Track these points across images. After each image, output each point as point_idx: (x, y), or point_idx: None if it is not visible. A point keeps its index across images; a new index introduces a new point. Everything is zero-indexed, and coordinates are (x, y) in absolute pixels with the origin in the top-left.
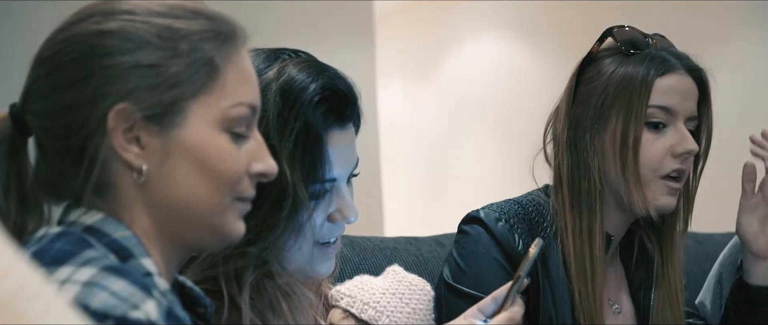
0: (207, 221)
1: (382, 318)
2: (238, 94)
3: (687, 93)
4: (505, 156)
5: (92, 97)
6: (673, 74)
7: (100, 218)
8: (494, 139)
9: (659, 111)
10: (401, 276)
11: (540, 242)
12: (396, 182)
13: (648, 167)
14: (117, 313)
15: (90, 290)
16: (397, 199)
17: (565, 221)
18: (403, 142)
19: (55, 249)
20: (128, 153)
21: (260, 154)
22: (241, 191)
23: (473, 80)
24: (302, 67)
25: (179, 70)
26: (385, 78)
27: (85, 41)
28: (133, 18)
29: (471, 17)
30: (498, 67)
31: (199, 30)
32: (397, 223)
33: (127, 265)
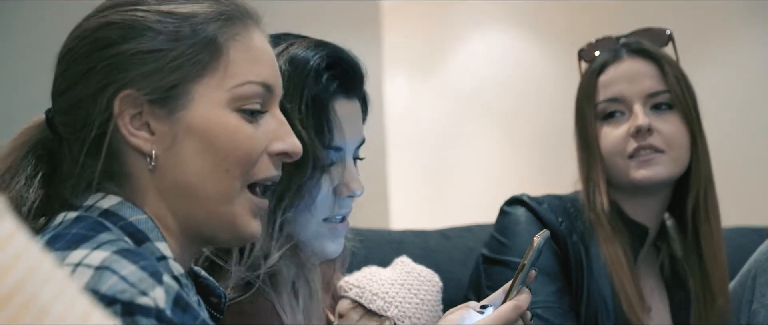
0: (215, 208)
1: (390, 309)
2: (245, 73)
3: (634, 75)
4: (511, 149)
5: (97, 88)
6: (612, 66)
7: (117, 201)
8: (500, 132)
9: (609, 103)
10: (410, 267)
11: (545, 232)
12: (402, 174)
13: (616, 154)
14: (124, 298)
15: (101, 273)
16: (403, 192)
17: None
18: (409, 136)
19: (71, 233)
20: (137, 139)
21: (281, 134)
22: (255, 172)
23: (479, 74)
24: (306, 45)
25: (181, 53)
26: (391, 71)
27: (91, 36)
28: (137, 8)
29: (477, 11)
30: (503, 60)
31: (202, 12)
32: (403, 215)
33: (142, 248)
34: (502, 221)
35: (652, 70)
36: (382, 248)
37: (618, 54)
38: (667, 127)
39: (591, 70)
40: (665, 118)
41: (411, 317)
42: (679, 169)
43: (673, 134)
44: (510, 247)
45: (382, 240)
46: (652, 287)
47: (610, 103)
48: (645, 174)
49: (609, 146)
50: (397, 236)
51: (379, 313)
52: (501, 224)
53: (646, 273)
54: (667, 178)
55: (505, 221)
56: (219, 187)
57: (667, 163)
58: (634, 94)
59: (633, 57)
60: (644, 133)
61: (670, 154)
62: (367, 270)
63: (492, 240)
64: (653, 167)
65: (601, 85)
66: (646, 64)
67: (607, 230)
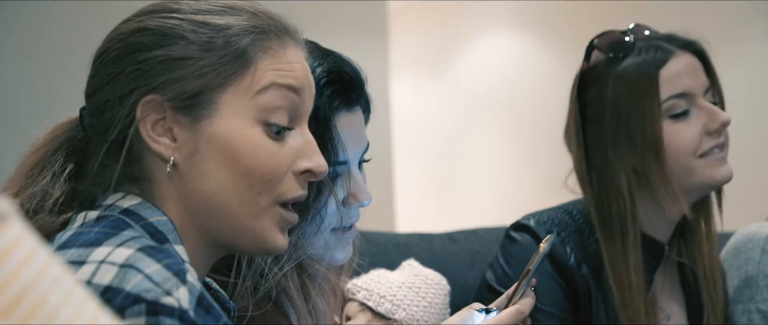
0: (241, 221)
1: (398, 311)
2: (269, 78)
3: (692, 70)
4: (518, 152)
5: (124, 91)
6: (673, 59)
7: (137, 202)
8: (506, 134)
9: (677, 100)
10: (417, 271)
11: (551, 237)
12: (408, 176)
13: (689, 153)
14: (149, 297)
15: (125, 272)
16: (410, 194)
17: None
18: (416, 138)
19: (94, 231)
20: (158, 144)
21: (307, 152)
22: (282, 191)
23: (486, 76)
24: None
25: (208, 62)
26: (398, 73)
27: (125, 40)
28: (174, 15)
29: (484, 13)
30: (510, 63)
31: (238, 25)
32: (409, 218)
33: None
34: (508, 248)
35: (700, 63)
36: (388, 251)
37: (668, 48)
38: None
39: (646, 65)
40: None
41: (419, 320)
42: None
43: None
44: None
45: (388, 243)
46: (670, 293)
47: (678, 99)
48: (725, 173)
49: (681, 146)
50: (403, 239)
51: (387, 316)
52: (507, 251)
53: (663, 281)
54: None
55: (512, 250)
56: (242, 201)
57: (727, 160)
58: (697, 89)
59: (684, 51)
60: (722, 130)
61: (727, 150)
62: (374, 273)
63: (497, 266)
64: (727, 165)
65: (665, 81)
66: (695, 58)
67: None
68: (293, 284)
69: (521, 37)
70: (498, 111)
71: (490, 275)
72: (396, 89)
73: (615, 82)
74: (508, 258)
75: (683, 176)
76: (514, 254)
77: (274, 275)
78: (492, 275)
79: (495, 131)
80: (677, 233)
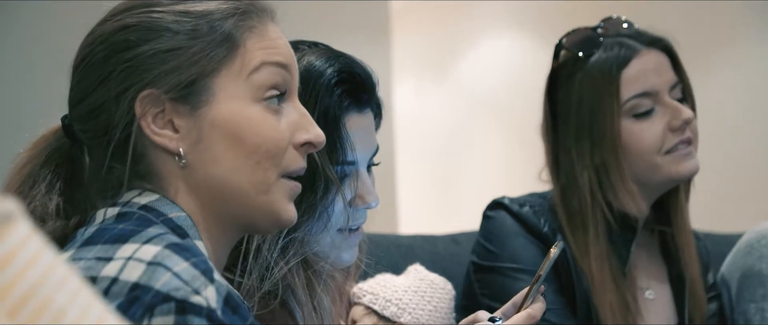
0: (253, 199)
1: (404, 315)
2: (259, 57)
3: (658, 67)
4: (520, 153)
5: (118, 91)
6: (637, 58)
7: (155, 198)
8: (509, 136)
9: (641, 99)
10: (423, 275)
11: (561, 244)
12: (411, 178)
13: (653, 151)
14: (178, 296)
15: (154, 269)
16: (412, 195)
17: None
18: (418, 139)
19: (118, 227)
20: (162, 138)
21: (304, 124)
22: (286, 164)
23: (488, 78)
24: (319, 55)
25: (198, 49)
26: (400, 75)
27: (107, 40)
28: (152, 9)
29: (486, 15)
30: (513, 64)
31: (218, 9)
32: (412, 219)
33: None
34: (487, 226)
35: (666, 59)
36: (390, 253)
37: (633, 46)
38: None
39: (609, 65)
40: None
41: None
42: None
43: (695, 124)
44: (497, 253)
45: (390, 245)
46: (650, 266)
47: (642, 98)
48: (690, 168)
49: (645, 144)
50: (406, 241)
51: (393, 319)
52: (486, 229)
53: (642, 255)
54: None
55: (489, 226)
56: (252, 179)
57: (695, 154)
58: (662, 86)
59: (650, 48)
60: (685, 127)
61: (695, 144)
62: (380, 277)
63: (479, 246)
64: (693, 159)
65: (628, 80)
66: (662, 55)
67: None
68: (299, 280)
69: (523, 38)
70: (500, 112)
71: (474, 257)
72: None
73: (580, 81)
74: (487, 235)
75: (649, 173)
76: (492, 230)
77: (279, 270)
78: (476, 256)
79: (497, 132)
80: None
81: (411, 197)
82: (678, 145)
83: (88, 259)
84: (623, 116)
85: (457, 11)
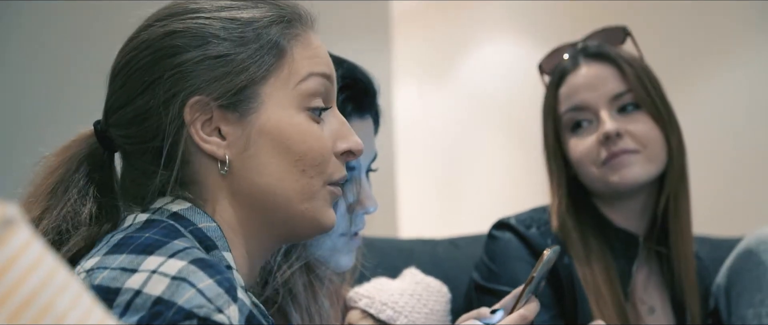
0: (296, 206)
1: (400, 318)
2: (307, 68)
3: (593, 82)
4: (521, 158)
5: (166, 96)
6: (570, 75)
7: (187, 206)
8: (510, 140)
9: (573, 112)
10: (419, 278)
11: (556, 246)
12: (411, 182)
13: (589, 163)
14: (201, 313)
15: (178, 284)
16: (412, 200)
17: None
18: (419, 143)
19: (143, 237)
20: (210, 145)
21: (344, 132)
22: (330, 173)
23: (489, 82)
24: None
25: (247, 56)
26: (401, 78)
27: (153, 45)
28: (198, 15)
29: (487, 18)
30: (514, 68)
31: (262, 16)
32: (412, 224)
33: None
34: (492, 246)
35: (611, 72)
36: (390, 257)
37: (576, 61)
38: (637, 127)
39: (551, 82)
40: (634, 119)
41: None
42: (657, 167)
43: (645, 133)
44: (500, 275)
45: (390, 249)
46: (653, 283)
47: (575, 113)
48: (622, 177)
49: (580, 156)
50: (405, 245)
51: (389, 323)
52: (490, 249)
53: (644, 272)
54: (646, 177)
55: (495, 246)
56: (297, 187)
57: (643, 163)
58: (597, 99)
59: (590, 62)
60: (614, 139)
61: (645, 153)
62: (376, 281)
63: (482, 265)
64: (629, 168)
65: (564, 96)
66: (605, 67)
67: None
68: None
69: (524, 41)
70: (501, 116)
71: (476, 275)
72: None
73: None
74: (492, 256)
75: (591, 184)
76: (497, 251)
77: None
78: (478, 275)
79: (498, 137)
80: (654, 224)
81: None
82: (610, 157)
83: (113, 268)
84: (564, 131)
85: (459, 15)
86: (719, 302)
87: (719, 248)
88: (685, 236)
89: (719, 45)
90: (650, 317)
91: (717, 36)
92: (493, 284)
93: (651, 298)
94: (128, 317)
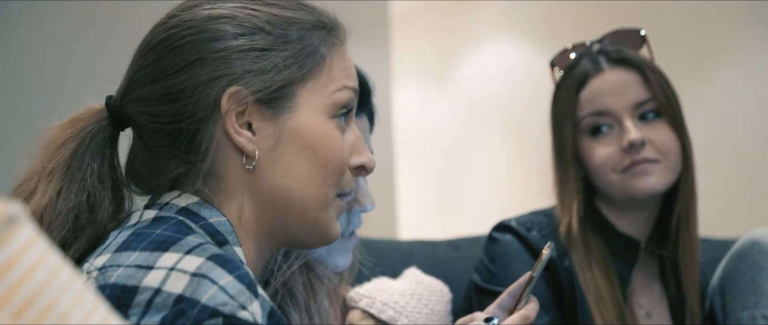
0: (311, 213)
1: (401, 318)
2: (342, 79)
3: (617, 88)
4: (520, 159)
5: (206, 80)
6: (594, 78)
7: (195, 201)
8: (509, 142)
9: (595, 117)
10: (420, 278)
11: (553, 244)
12: (410, 183)
13: (607, 169)
14: (226, 311)
15: (198, 281)
16: (412, 201)
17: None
18: (418, 145)
19: (155, 233)
20: (241, 137)
21: (360, 147)
22: (344, 184)
23: (489, 83)
24: None
25: (289, 55)
26: (400, 80)
27: (197, 26)
28: (244, 5)
29: (487, 20)
30: (513, 69)
31: (306, 20)
32: (412, 225)
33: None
34: (492, 247)
35: (635, 78)
36: (390, 258)
37: (598, 65)
38: (658, 136)
39: (569, 83)
40: (655, 128)
41: None
42: (673, 177)
43: (665, 143)
44: (501, 278)
45: (390, 250)
46: (650, 289)
47: (597, 118)
48: (641, 185)
49: (599, 162)
50: (405, 246)
51: (390, 323)
52: (490, 250)
53: (642, 277)
54: (663, 187)
55: (495, 248)
56: (316, 194)
57: (662, 172)
58: (620, 106)
59: (614, 67)
60: (638, 148)
61: (665, 164)
62: (377, 281)
63: (482, 267)
64: (649, 177)
65: (585, 100)
66: (629, 73)
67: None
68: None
69: (523, 42)
70: (501, 118)
71: (477, 276)
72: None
73: (556, 97)
74: (492, 257)
75: (609, 190)
76: (498, 253)
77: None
78: (478, 276)
79: (497, 138)
80: (656, 230)
81: (410, 202)
82: (631, 166)
83: (128, 266)
84: (581, 135)
85: (458, 16)
86: (715, 304)
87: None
88: (694, 244)
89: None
90: (648, 321)
91: (716, 37)
92: (493, 285)
93: (648, 302)
94: (150, 317)
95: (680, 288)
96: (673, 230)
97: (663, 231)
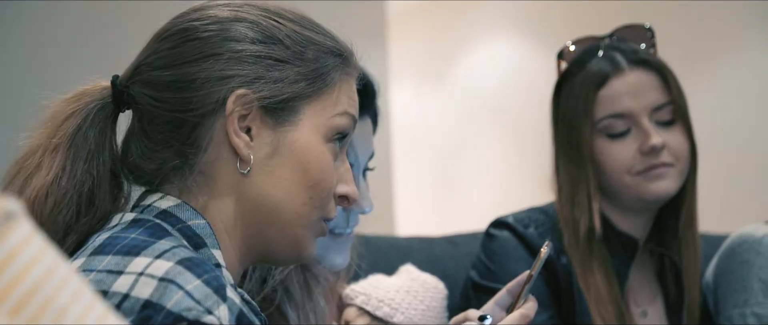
0: (292, 229)
1: (396, 315)
2: (345, 105)
3: (637, 89)
4: (517, 157)
5: (217, 76)
6: (615, 79)
7: (175, 203)
8: (506, 139)
9: (614, 119)
10: (415, 275)
11: (550, 243)
12: (408, 181)
13: (622, 171)
14: (190, 316)
15: (165, 287)
16: (409, 199)
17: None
18: (416, 143)
19: (129, 237)
20: (240, 140)
21: (347, 178)
22: (328, 210)
23: (486, 81)
24: None
25: (302, 72)
26: (397, 79)
27: (220, 22)
28: (270, 15)
29: (484, 18)
30: (510, 68)
31: (325, 44)
32: (409, 223)
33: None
34: (489, 244)
35: (655, 81)
36: (388, 255)
37: (618, 64)
38: (674, 140)
39: (587, 81)
40: (671, 132)
41: (417, 324)
42: (683, 180)
43: (680, 147)
44: (498, 275)
45: (388, 247)
46: (647, 288)
47: (615, 119)
48: (656, 189)
49: (615, 164)
50: (403, 243)
51: (386, 319)
52: (488, 247)
53: (639, 276)
54: (675, 191)
55: (492, 245)
56: (300, 211)
57: (675, 176)
58: (640, 108)
59: (635, 68)
60: (657, 152)
61: (678, 167)
62: (372, 278)
63: (479, 263)
64: (664, 181)
65: (604, 100)
66: (650, 75)
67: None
68: (297, 282)
69: (520, 41)
70: (497, 115)
71: (474, 273)
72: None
73: (567, 93)
74: (489, 254)
75: (621, 191)
76: (495, 250)
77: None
78: (476, 273)
79: (494, 136)
80: (655, 229)
81: (408, 199)
82: (648, 169)
83: (99, 271)
84: (597, 134)
85: (454, 15)
86: (708, 301)
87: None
88: (697, 243)
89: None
90: (643, 320)
91: (716, 37)
92: (490, 282)
93: (644, 300)
94: None
95: (679, 288)
96: (681, 230)
97: (661, 230)
